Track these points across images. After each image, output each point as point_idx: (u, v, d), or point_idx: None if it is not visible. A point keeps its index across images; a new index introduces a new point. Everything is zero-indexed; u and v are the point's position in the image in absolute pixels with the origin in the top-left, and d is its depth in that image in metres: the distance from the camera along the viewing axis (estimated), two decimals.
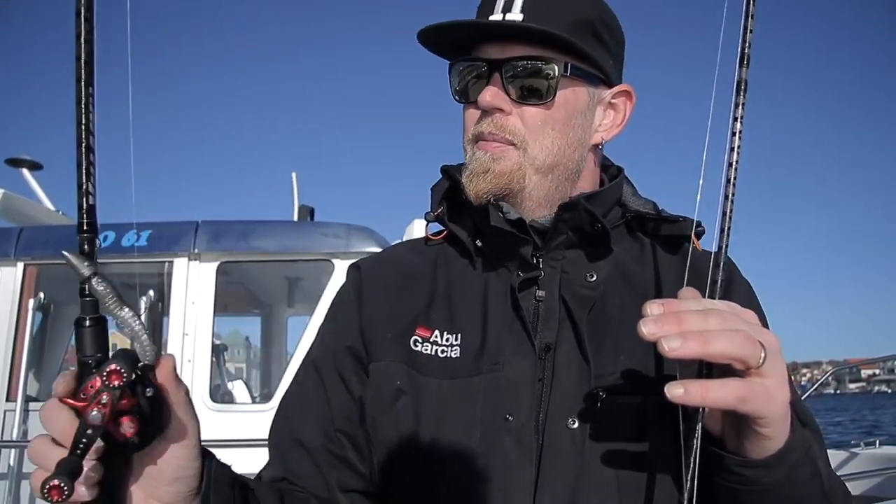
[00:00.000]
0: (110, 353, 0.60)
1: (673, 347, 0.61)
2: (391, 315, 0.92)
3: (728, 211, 0.75)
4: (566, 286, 0.89)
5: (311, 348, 0.98)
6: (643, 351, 0.84)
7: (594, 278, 0.89)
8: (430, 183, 1.00)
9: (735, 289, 0.91)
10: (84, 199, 0.61)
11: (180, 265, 3.89)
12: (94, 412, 0.56)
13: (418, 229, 4.12)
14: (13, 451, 3.66)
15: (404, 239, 4.28)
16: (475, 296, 0.91)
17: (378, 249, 3.81)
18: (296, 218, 4.67)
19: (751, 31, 0.75)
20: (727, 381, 0.64)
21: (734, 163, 0.75)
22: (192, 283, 3.87)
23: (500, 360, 0.85)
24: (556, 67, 0.86)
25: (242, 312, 5.83)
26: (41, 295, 3.76)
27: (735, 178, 0.75)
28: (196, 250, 3.87)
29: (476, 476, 0.82)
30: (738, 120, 0.75)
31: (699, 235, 0.93)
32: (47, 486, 0.54)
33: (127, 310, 0.60)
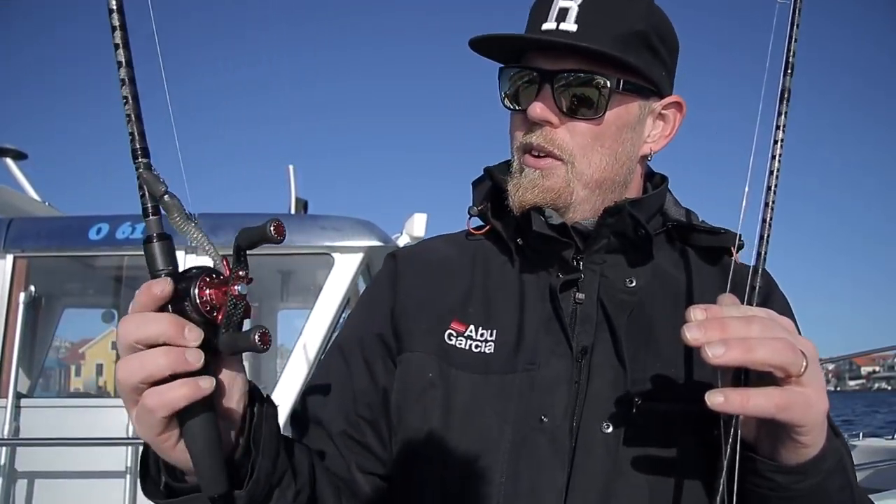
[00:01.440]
0: None
1: (717, 354, 0.62)
2: (426, 306, 0.93)
3: (768, 218, 0.76)
4: (605, 290, 0.89)
5: (340, 333, 1.00)
6: (680, 358, 0.85)
7: (633, 284, 0.90)
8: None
9: (773, 301, 0.92)
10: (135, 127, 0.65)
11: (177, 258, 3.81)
12: (240, 286, 0.63)
13: (418, 223, 4.08)
14: (4, 448, 3.59)
15: (404, 233, 4.27)
16: (512, 293, 0.91)
17: (378, 243, 3.79)
18: (293, 212, 4.61)
19: (796, 40, 0.75)
20: (767, 389, 0.65)
21: (776, 171, 0.76)
22: None
23: (537, 359, 0.86)
24: (609, 83, 0.86)
25: None
26: (32, 288, 3.68)
27: (776, 186, 0.76)
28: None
29: (506, 473, 0.82)
30: (781, 129, 0.76)
31: (738, 249, 0.93)
32: (261, 332, 0.62)
33: (192, 223, 0.65)
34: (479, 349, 0.88)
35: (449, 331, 0.90)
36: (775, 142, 0.76)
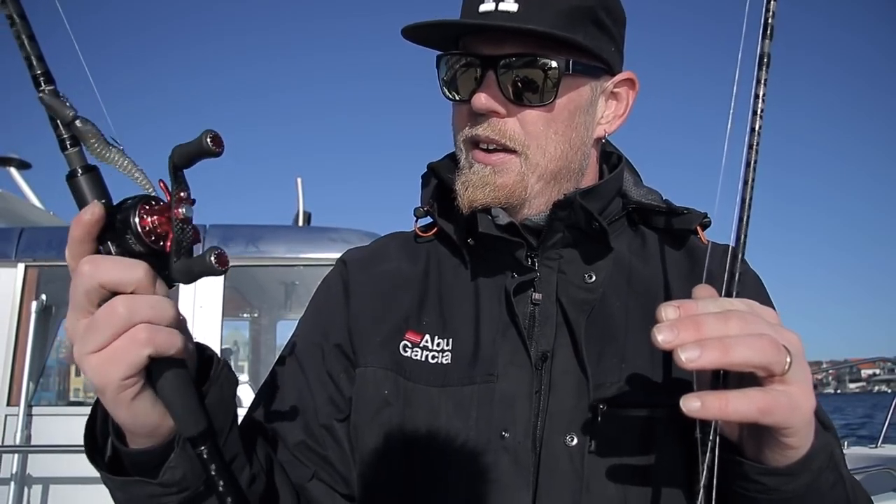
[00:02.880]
0: None
1: (691, 359, 0.55)
2: (379, 317, 0.87)
3: (747, 198, 0.69)
4: (563, 288, 0.83)
5: (294, 339, 0.93)
6: (647, 357, 0.79)
7: (593, 279, 0.84)
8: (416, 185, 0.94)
9: (744, 283, 0.85)
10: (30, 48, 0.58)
11: None
12: (184, 207, 0.57)
13: None
14: (15, 456, 3.60)
15: None
16: (467, 298, 0.86)
17: None
18: (301, 223, 4.63)
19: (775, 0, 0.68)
20: (748, 391, 0.58)
21: (754, 145, 0.69)
22: (200, 286, 3.82)
23: (495, 370, 0.80)
24: (558, 65, 0.80)
25: (232, 317, 5.78)
26: (43, 297, 3.69)
27: (755, 163, 0.69)
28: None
29: (468, 494, 0.78)
30: (760, 98, 0.69)
31: (704, 227, 0.88)
32: (216, 253, 0.56)
33: (114, 149, 0.59)
34: (435, 360, 0.83)
35: (404, 342, 0.84)
36: (754, 113, 0.69)
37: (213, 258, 0.57)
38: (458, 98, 0.85)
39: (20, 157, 5.05)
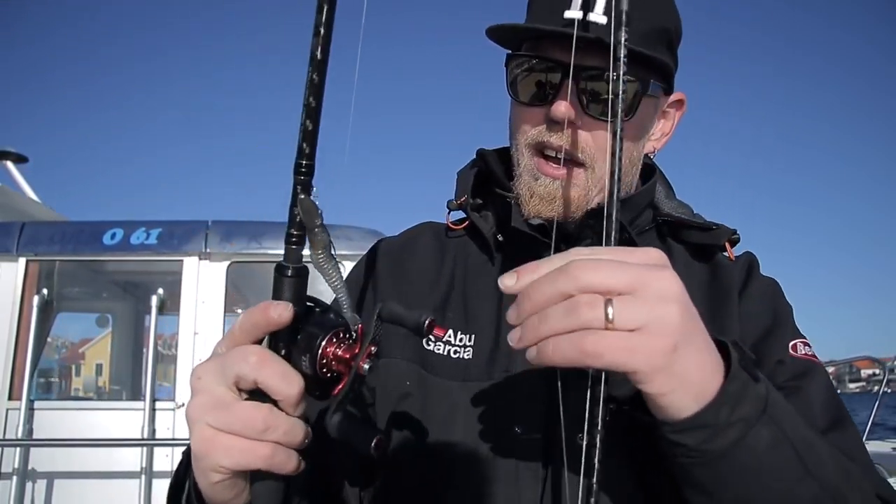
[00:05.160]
0: None
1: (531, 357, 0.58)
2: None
3: (617, 151, 0.65)
4: None
5: None
6: None
7: None
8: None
9: (753, 286, 0.86)
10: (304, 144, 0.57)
11: (190, 264, 3.91)
12: (368, 362, 0.56)
13: None
14: (17, 450, 3.64)
15: None
16: (491, 295, 0.87)
17: None
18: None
19: None
20: (572, 336, 0.56)
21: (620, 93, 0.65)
22: (203, 282, 3.86)
23: (513, 366, 0.82)
24: (640, 86, 0.80)
25: (234, 312, 5.80)
26: (44, 291, 3.73)
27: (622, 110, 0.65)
28: (207, 250, 3.88)
29: (481, 487, 0.79)
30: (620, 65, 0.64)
31: (733, 244, 0.89)
32: (378, 439, 0.54)
33: (334, 264, 0.57)
34: (457, 355, 0.85)
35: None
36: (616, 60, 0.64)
37: (374, 443, 0.55)
38: (527, 101, 0.83)
39: (17, 151, 5.10)
